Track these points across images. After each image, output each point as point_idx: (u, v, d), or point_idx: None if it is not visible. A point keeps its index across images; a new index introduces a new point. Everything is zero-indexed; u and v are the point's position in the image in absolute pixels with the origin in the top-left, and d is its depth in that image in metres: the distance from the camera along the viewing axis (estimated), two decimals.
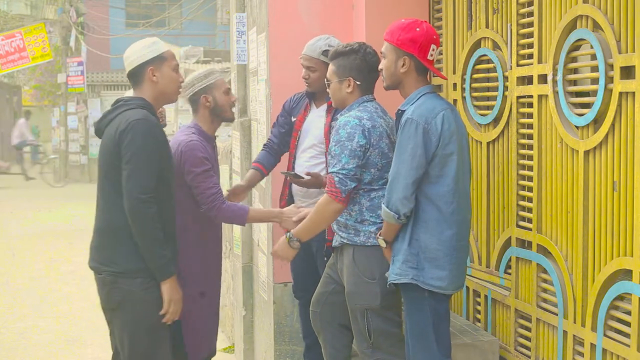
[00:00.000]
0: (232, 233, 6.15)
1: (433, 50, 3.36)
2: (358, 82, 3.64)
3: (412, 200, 3.28)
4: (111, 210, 3.43)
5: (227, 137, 7.46)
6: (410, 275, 3.31)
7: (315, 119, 4.31)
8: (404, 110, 3.36)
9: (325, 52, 4.14)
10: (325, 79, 3.81)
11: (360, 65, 3.65)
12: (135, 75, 3.59)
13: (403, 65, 3.37)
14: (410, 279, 3.31)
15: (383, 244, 3.44)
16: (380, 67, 3.50)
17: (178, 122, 13.15)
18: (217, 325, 4.23)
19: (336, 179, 3.46)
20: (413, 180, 3.26)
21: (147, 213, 3.34)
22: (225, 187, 6.50)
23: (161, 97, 3.62)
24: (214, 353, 4.19)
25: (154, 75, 3.55)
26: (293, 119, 4.40)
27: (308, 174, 4.06)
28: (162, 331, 3.49)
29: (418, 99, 3.35)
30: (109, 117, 3.52)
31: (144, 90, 3.57)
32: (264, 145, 4.56)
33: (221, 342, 6.09)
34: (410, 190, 3.26)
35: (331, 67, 3.74)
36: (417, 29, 3.34)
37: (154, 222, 3.37)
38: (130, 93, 3.75)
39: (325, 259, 4.13)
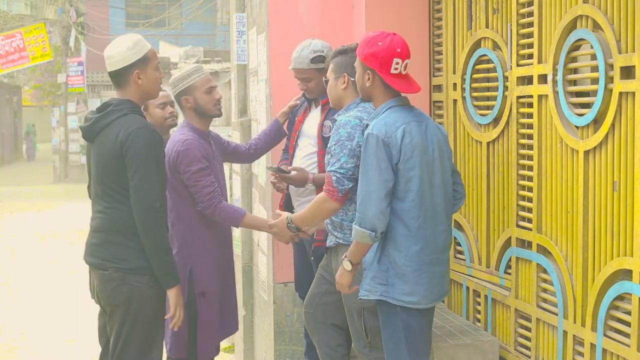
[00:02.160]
0: (232, 233, 6.13)
1: (397, 64, 3.29)
2: (352, 79, 3.63)
3: (387, 215, 3.23)
4: (116, 210, 3.45)
5: (227, 137, 7.44)
6: (379, 292, 3.29)
7: (312, 119, 4.34)
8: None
9: (313, 59, 4.15)
10: (323, 78, 3.82)
11: None
12: (119, 77, 3.50)
13: (368, 79, 3.34)
14: (379, 295, 3.30)
15: (348, 267, 3.36)
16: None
17: None
18: (229, 324, 4.26)
19: (334, 177, 3.45)
20: (385, 194, 3.22)
21: (158, 223, 3.42)
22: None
23: (144, 97, 3.59)
24: (217, 352, 4.24)
25: (140, 78, 3.49)
26: (295, 119, 4.42)
27: (294, 169, 4.06)
28: (159, 328, 3.58)
29: (382, 113, 3.33)
30: (102, 123, 3.46)
31: (128, 92, 3.51)
32: (285, 151, 4.51)
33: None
34: (385, 203, 3.22)
35: (330, 66, 3.76)
36: (379, 43, 3.28)
37: (164, 231, 3.45)
38: None
39: (312, 258, 4.14)
